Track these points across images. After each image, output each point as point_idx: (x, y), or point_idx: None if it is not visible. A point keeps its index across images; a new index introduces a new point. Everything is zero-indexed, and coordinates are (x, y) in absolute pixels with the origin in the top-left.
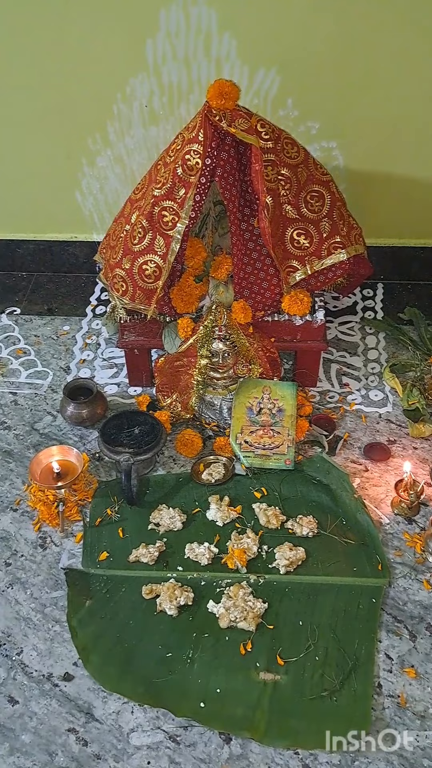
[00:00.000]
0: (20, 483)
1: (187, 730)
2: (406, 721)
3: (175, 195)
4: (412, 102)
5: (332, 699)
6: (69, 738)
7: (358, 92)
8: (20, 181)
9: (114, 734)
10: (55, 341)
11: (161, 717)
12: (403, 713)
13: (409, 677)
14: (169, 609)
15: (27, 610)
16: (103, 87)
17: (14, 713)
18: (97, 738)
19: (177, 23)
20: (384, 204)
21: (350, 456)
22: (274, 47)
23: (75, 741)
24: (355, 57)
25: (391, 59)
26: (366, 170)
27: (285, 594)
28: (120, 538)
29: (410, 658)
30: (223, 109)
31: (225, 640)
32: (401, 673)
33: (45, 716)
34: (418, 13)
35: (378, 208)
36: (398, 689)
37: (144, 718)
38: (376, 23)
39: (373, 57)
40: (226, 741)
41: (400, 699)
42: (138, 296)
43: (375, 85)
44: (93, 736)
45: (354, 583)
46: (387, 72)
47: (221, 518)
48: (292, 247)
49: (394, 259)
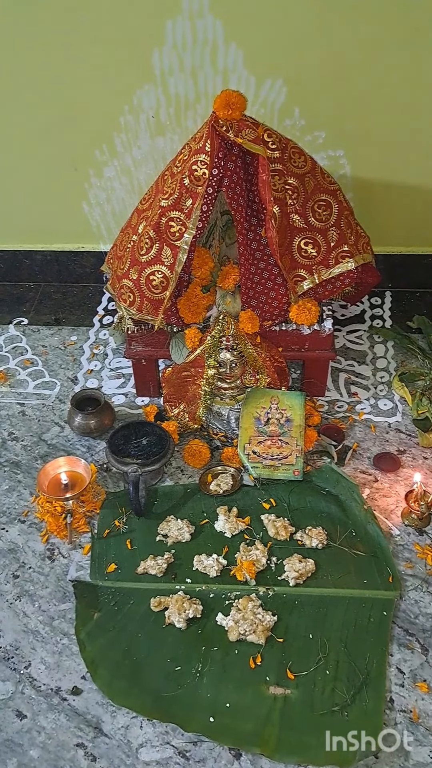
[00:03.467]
0: (28, 494)
1: (197, 745)
2: (419, 736)
3: (182, 205)
4: (419, 110)
5: (343, 714)
6: (77, 753)
7: (364, 101)
8: (28, 191)
9: (123, 749)
10: (63, 351)
11: (170, 732)
12: (416, 728)
13: (421, 692)
14: (178, 622)
15: (35, 622)
16: (110, 98)
17: (22, 728)
18: (105, 753)
19: (183, 34)
20: (391, 211)
21: (359, 466)
22: (280, 58)
23: (83, 756)
24: (361, 66)
25: (396, 68)
26: (373, 178)
27: (295, 606)
28: (128, 550)
29: (422, 672)
30: (230, 119)
31: (234, 654)
32: (413, 687)
33: (53, 731)
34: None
35: (385, 215)
36: (410, 704)
37: (153, 733)
38: (381, 34)
39: (378, 66)
40: (235, 757)
41: (413, 714)
42: (145, 307)
43: (381, 93)
44: (101, 751)
45: (364, 595)
46: (392, 80)
47: (229, 529)
48: (299, 256)
49: (401, 267)
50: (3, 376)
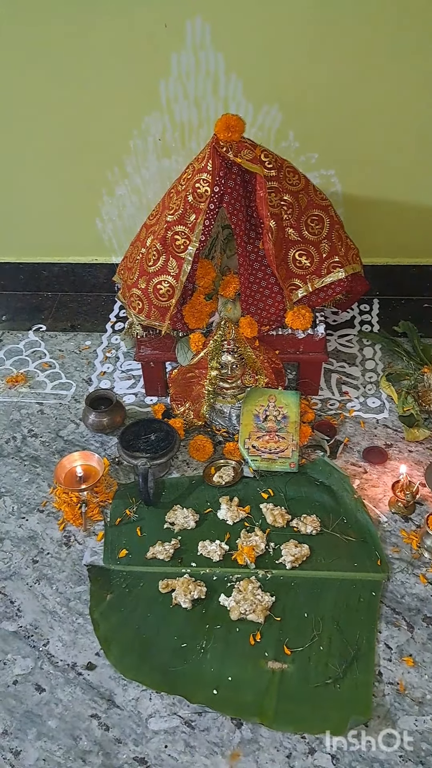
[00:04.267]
0: (46, 486)
1: (201, 715)
2: (405, 707)
3: (187, 220)
4: (403, 133)
5: (336, 686)
6: (92, 723)
7: (354, 125)
8: (46, 209)
9: (133, 720)
10: (78, 355)
11: (177, 704)
12: (402, 699)
13: (407, 666)
14: (184, 602)
15: (53, 603)
16: (120, 124)
17: (41, 700)
18: (118, 723)
19: (187, 66)
20: (378, 226)
21: (350, 459)
22: (276, 86)
23: (98, 726)
24: (351, 93)
25: (383, 95)
26: (362, 195)
27: (291, 588)
28: (138, 537)
29: (408, 647)
30: (230, 141)
31: (236, 632)
32: (400, 661)
33: (70, 703)
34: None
35: (373, 229)
36: (397, 677)
37: (161, 705)
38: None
39: (367, 93)
40: (237, 726)
41: (400, 686)
42: (153, 314)
43: (369, 118)
44: (114, 721)
45: (355, 577)
46: (380, 106)
47: (231, 518)
48: (294, 266)
49: (388, 276)
50: (23, 378)
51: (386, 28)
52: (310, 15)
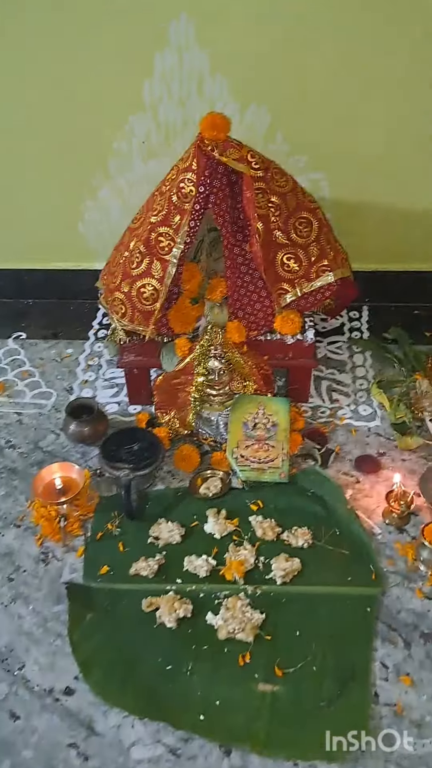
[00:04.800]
0: (23, 499)
1: (188, 742)
2: (402, 729)
3: (171, 221)
4: (395, 136)
5: (330, 709)
6: (70, 753)
7: (343, 128)
8: (28, 214)
9: (115, 748)
10: (59, 363)
11: (161, 730)
12: (400, 721)
13: (405, 685)
14: (169, 621)
15: (29, 624)
16: (103, 126)
17: (16, 729)
18: (98, 753)
19: (171, 66)
20: (368, 231)
21: (342, 468)
22: (263, 87)
23: (76, 756)
24: (340, 95)
25: (375, 97)
26: (350, 200)
27: (282, 604)
28: (120, 552)
29: (405, 666)
30: (216, 139)
31: (224, 652)
32: (397, 681)
33: (46, 731)
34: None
35: (362, 234)
36: (395, 697)
37: (144, 732)
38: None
39: (357, 95)
40: (226, 753)
41: (397, 707)
42: (137, 318)
43: (359, 120)
44: (94, 750)
45: (349, 592)
46: (371, 108)
47: (219, 531)
48: (282, 270)
49: (377, 282)
50: (1, 387)
51: (378, 28)
52: (298, 12)
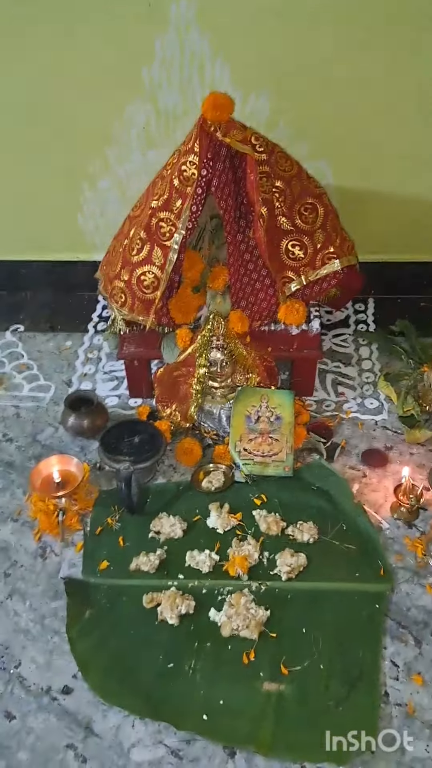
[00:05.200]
0: (21, 493)
1: (190, 744)
2: (414, 730)
3: (172, 206)
4: (399, 122)
5: (338, 709)
6: (67, 755)
7: (346, 113)
8: (25, 204)
9: (114, 750)
10: (58, 356)
11: (163, 731)
12: (411, 722)
13: (416, 684)
14: (170, 618)
15: (26, 621)
16: (101, 113)
17: (11, 729)
18: (96, 754)
19: (171, 50)
20: (373, 220)
21: (348, 462)
22: (265, 72)
23: (74, 758)
24: (342, 80)
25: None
26: (354, 188)
27: (287, 601)
28: (120, 547)
29: (416, 664)
30: (218, 120)
31: (227, 650)
32: (408, 680)
33: (43, 732)
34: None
35: (367, 224)
36: (406, 697)
37: (145, 733)
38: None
39: (359, 80)
40: (230, 755)
41: (408, 707)
42: (137, 307)
43: (361, 105)
44: (92, 752)
45: (356, 588)
46: (374, 93)
47: (222, 525)
48: (287, 258)
49: (383, 274)
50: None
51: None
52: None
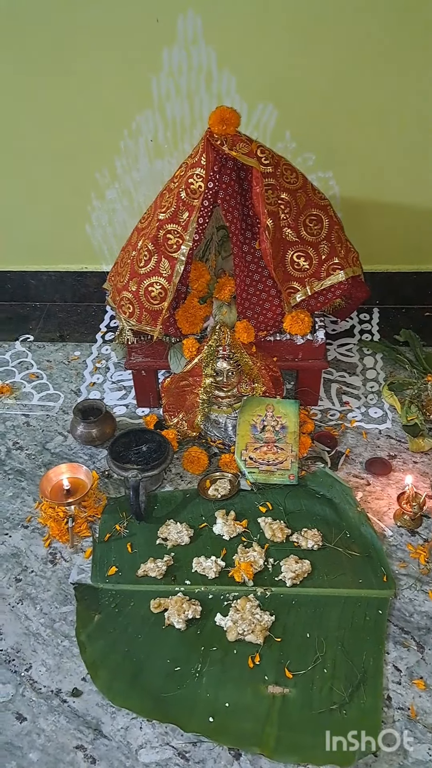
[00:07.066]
0: (31, 501)
1: (196, 745)
2: (417, 734)
3: (179, 218)
4: (405, 133)
5: (342, 712)
6: (77, 755)
7: (353, 124)
8: (34, 215)
9: (122, 751)
10: (67, 366)
11: (170, 733)
12: (414, 726)
13: (418, 689)
14: (177, 623)
15: (36, 625)
16: (110, 124)
17: (22, 731)
18: (105, 755)
19: (179, 62)
20: (378, 231)
21: (352, 471)
22: (271, 83)
23: (83, 758)
24: (349, 92)
25: (383, 92)
26: (360, 199)
27: (292, 606)
28: (128, 553)
29: (419, 669)
30: (225, 134)
31: (233, 654)
32: (410, 684)
33: (53, 733)
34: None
35: (373, 235)
36: (408, 701)
37: (153, 734)
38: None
39: (367, 90)
40: (235, 757)
41: (411, 711)
42: (144, 317)
43: (369, 117)
44: (101, 753)
45: (360, 594)
46: (381, 104)
47: (227, 532)
48: (292, 269)
49: (388, 284)
50: (9, 389)
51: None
52: (306, 7)
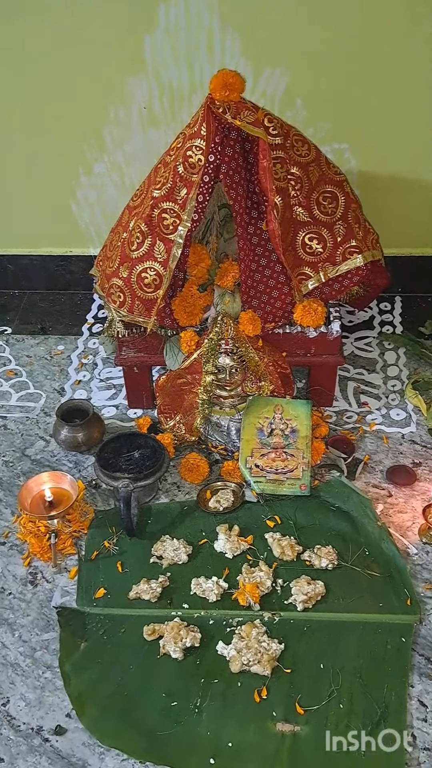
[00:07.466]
0: (9, 514)
1: None
2: None
3: (176, 195)
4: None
5: (360, 754)
6: None
7: (372, 91)
8: (10, 191)
9: None
10: (49, 362)
11: None
12: None
13: None
14: (174, 652)
15: (15, 654)
16: (98, 88)
17: None
18: None
19: (177, 19)
20: (401, 210)
21: (372, 480)
22: (280, 44)
23: None
24: (367, 52)
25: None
26: (381, 174)
27: (303, 633)
28: (119, 573)
29: None
30: (228, 101)
31: (237, 687)
32: None
33: None
34: None
35: (394, 214)
36: None
37: None
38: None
39: (386, 51)
40: None
41: None
42: (137, 308)
43: (389, 81)
44: None
45: (380, 620)
46: (403, 66)
47: (231, 550)
48: (303, 252)
49: (412, 269)
50: None
51: None
52: None
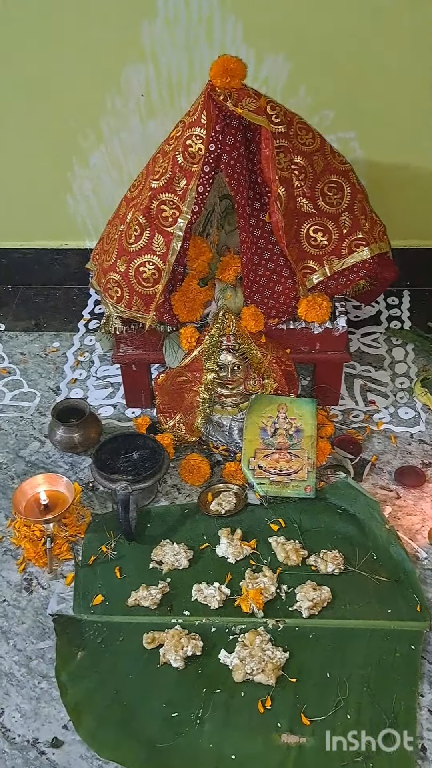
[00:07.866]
0: (3, 518)
1: None
2: None
3: (176, 186)
4: None
5: (368, 765)
6: None
7: (378, 76)
8: (4, 183)
9: None
10: (44, 359)
11: None
12: None
13: None
14: (175, 660)
15: (9, 664)
16: (94, 76)
17: None
18: None
19: (176, 4)
20: (409, 200)
21: (379, 482)
22: (283, 30)
23: None
24: (374, 37)
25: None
26: (388, 163)
27: (309, 641)
28: (117, 579)
29: None
30: (229, 88)
31: (240, 697)
32: None
33: None
34: None
35: (402, 205)
36: None
37: None
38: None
39: (394, 36)
40: None
41: None
42: (135, 303)
43: (397, 66)
44: None
45: (389, 627)
46: (410, 51)
47: (233, 554)
48: (308, 245)
49: (420, 262)
50: None
51: None
52: None
